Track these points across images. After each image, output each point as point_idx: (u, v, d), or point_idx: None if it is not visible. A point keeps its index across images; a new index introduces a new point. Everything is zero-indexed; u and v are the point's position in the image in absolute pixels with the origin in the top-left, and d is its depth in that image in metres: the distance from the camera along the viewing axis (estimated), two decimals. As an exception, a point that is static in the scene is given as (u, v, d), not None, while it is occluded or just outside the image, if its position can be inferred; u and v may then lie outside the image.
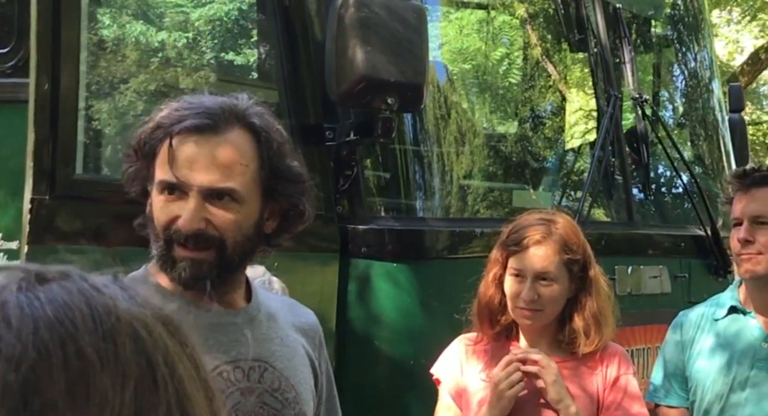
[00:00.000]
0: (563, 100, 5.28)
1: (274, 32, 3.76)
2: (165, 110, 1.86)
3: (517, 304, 2.89)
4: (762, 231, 3.01)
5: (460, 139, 4.26)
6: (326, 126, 3.66)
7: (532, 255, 2.88)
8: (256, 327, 1.95)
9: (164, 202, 1.83)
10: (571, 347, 2.91)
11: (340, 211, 3.67)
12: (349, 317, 3.66)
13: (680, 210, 5.32)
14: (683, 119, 5.90)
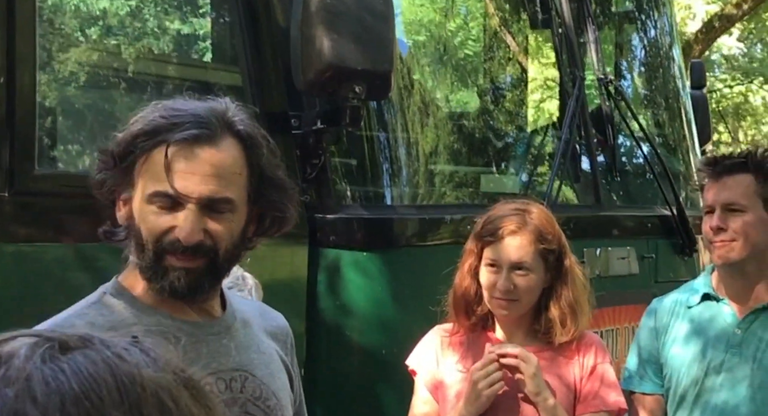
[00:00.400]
0: (529, 82, 5.25)
1: (236, 17, 3.68)
2: (149, 117, 1.79)
3: (493, 295, 2.88)
4: (734, 218, 3.00)
5: (426, 125, 4.21)
6: (291, 113, 3.60)
7: (507, 246, 2.87)
8: (234, 336, 1.93)
9: (155, 212, 1.78)
10: (548, 337, 2.92)
11: (308, 200, 3.61)
12: (320, 307, 3.62)
13: (647, 190, 5.32)
14: (647, 98, 5.90)
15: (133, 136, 1.77)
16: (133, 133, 1.77)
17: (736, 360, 3.04)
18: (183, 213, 1.77)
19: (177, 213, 1.77)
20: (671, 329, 3.19)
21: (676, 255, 5.01)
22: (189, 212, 1.77)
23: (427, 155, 4.18)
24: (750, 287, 3.08)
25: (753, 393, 2.99)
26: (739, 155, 3.07)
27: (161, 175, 1.76)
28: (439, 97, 4.63)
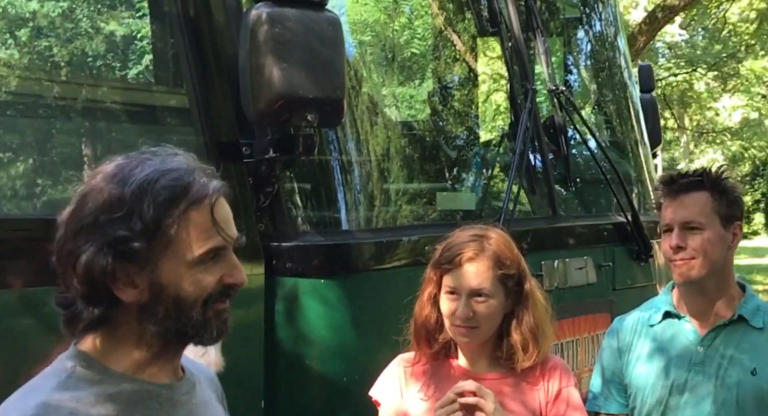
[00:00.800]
0: (480, 96, 5.24)
1: (182, 44, 3.61)
2: (150, 185, 1.72)
3: (453, 322, 2.86)
4: (692, 236, 3.02)
5: (379, 145, 4.17)
6: (242, 142, 3.54)
7: (465, 273, 2.85)
8: (196, 394, 1.91)
9: (204, 269, 1.75)
10: (510, 363, 2.90)
11: (263, 229, 3.56)
12: (278, 338, 3.57)
13: (601, 197, 5.33)
14: (598, 105, 5.91)
15: (159, 210, 1.70)
16: (159, 204, 1.70)
17: (699, 378, 3.05)
18: (229, 258, 1.78)
19: (221, 262, 1.76)
20: (634, 348, 3.19)
21: (632, 262, 5.03)
22: (232, 255, 1.79)
23: (381, 176, 4.14)
24: (711, 304, 3.09)
25: (717, 410, 3.00)
26: (695, 173, 3.09)
27: (209, 232, 1.74)
28: (391, 116, 4.60)
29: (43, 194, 3.59)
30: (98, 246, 1.69)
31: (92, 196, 1.72)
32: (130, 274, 1.71)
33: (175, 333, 1.76)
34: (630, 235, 4.97)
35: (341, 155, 3.97)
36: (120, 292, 1.72)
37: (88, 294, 1.72)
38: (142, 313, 1.74)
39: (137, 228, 1.69)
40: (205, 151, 3.55)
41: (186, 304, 1.74)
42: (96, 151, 3.86)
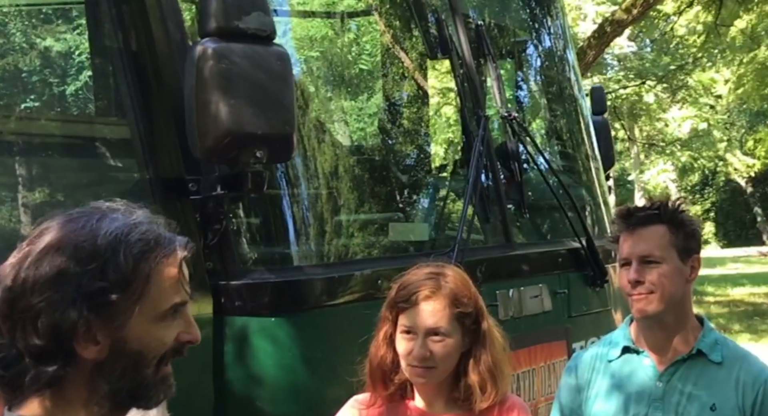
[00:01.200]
0: (432, 124, 5.18)
1: (123, 80, 3.51)
2: (127, 235, 1.69)
3: (409, 363, 2.81)
4: (650, 270, 2.99)
5: (329, 178, 4.09)
6: (189, 178, 3.44)
7: (422, 311, 2.81)
8: None
9: (166, 325, 1.72)
10: (468, 403, 2.84)
11: (210, 267, 3.46)
12: (228, 379, 3.46)
13: (556, 223, 5.30)
14: (551, 129, 5.89)
15: (134, 262, 1.67)
16: (134, 257, 1.67)
17: (658, 414, 3.01)
18: (187, 315, 1.76)
19: (179, 319, 1.74)
20: (593, 384, 3.15)
21: (588, 288, 4.99)
22: (189, 312, 1.77)
23: (332, 209, 4.06)
24: (669, 338, 3.07)
25: None
26: (651, 207, 3.07)
27: (176, 287, 1.73)
28: (341, 147, 4.52)
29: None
30: (69, 299, 1.63)
31: (53, 249, 1.66)
32: (92, 329, 1.65)
33: (125, 394, 1.70)
34: (585, 261, 4.93)
35: (291, 189, 3.89)
36: (81, 349, 1.66)
37: (45, 351, 1.65)
38: (98, 371, 1.68)
39: (113, 280, 1.65)
40: (149, 187, 3.45)
41: (144, 362, 1.70)
42: (35, 184, 3.75)
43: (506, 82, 5.19)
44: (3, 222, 3.66)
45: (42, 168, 3.82)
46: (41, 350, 1.64)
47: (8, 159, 3.68)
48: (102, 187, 3.70)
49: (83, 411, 1.70)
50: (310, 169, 4.02)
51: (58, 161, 3.90)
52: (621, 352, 3.14)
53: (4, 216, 3.69)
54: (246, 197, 3.55)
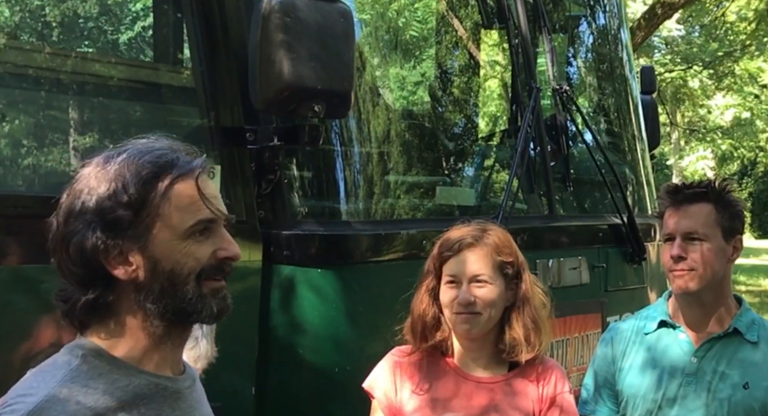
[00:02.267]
0: (484, 93, 5.22)
1: (190, 26, 3.59)
2: (132, 165, 1.76)
3: (454, 310, 2.84)
4: (694, 247, 3.02)
5: (382, 139, 4.16)
6: (247, 127, 3.52)
7: (465, 259, 2.86)
8: (196, 388, 1.94)
9: (196, 242, 1.78)
10: (512, 355, 2.89)
11: (262, 216, 3.55)
12: (272, 325, 3.56)
13: (598, 198, 5.34)
14: (600, 105, 5.91)
15: (143, 182, 1.74)
16: (143, 180, 1.74)
17: (691, 389, 3.06)
18: (221, 234, 1.80)
19: (213, 237, 1.79)
20: (627, 356, 3.19)
21: (625, 264, 5.03)
22: (223, 230, 1.81)
23: (382, 168, 4.13)
24: (707, 316, 3.10)
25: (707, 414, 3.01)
26: (700, 185, 3.09)
27: (196, 205, 1.78)
28: (394, 109, 4.58)
29: (42, 172, 3.56)
30: (87, 224, 1.73)
31: (80, 183, 1.77)
32: (123, 251, 1.74)
33: (174, 313, 1.77)
34: (625, 237, 4.97)
35: (344, 146, 3.96)
36: (114, 270, 1.74)
37: (83, 276, 1.74)
38: (139, 292, 1.76)
39: (123, 201, 1.73)
40: (209, 134, 3.54)
41: (180, 279, 1.76)
42: (97, 128, 3.83)
43: (558, 56, 5.21)
44: (59, 165, 3.75)
45: (102, 112, 3.90)
46: (80, 276, 1.75)
47: (69, 101, 3.77)
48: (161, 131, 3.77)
49: (142, 333, 1.78)
50: (363, 129, 4.09)
51: (119, 105, 3.99)
52: (657, 326, 3.17)
53: (61, 158, 3.78)
54: (301, 150, 3.63)
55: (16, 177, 3.32)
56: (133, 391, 1.75)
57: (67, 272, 1.76)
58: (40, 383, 1.72)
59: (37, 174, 3.42)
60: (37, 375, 1.75)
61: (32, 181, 3.38)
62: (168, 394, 1.81)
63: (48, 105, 3.67)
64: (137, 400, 1.75)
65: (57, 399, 1.67)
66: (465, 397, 2.88)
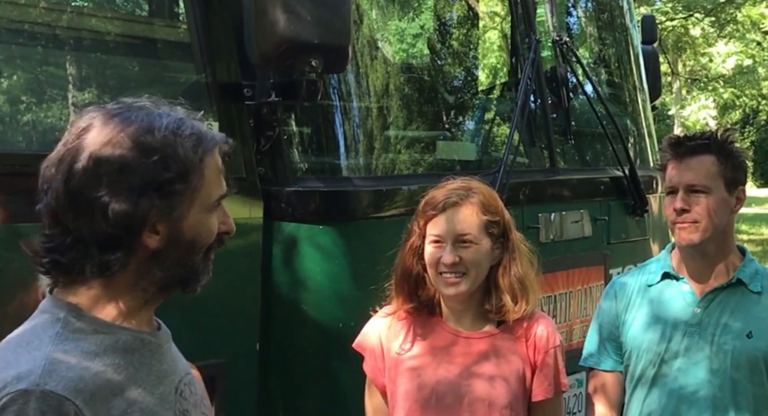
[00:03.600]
0: (484, 45, 5.17)
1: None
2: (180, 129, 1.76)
3: (439, 270, 2.80)
4: (697, 199, 3.00)
5: (381, 93, 4.12)
6: (244, 83, 3.49)
7: (450, 218, 2.80)
8: (172, 343, 1.94)
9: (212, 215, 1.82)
10: (499, 315, 2.86)
11: (262, 173, 3.53)
12: (275, 282, 3.56)
13: (599, 151, 5.31)
14: (600, 56, 5.85)
15: (192, 153, 1.75)
16: (190, 148, 1.75)
17: (695, 340, 3.06)
18: (223, 207, 1.84)
19: (219, 211, 1.83)
20: (631, 308, 3.19)
21: (627, 216, 5.03)
22: (223, 204, 1.85)
23: (382, 123, 4.11)
24: (710, 267, 3.09)
25: (710, 375, 3.02)
26: (702, 136, 3.07)
27: (219, 179, 1.82)
28: (394, 64, 4.53)
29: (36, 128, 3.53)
30: (138, 189, 1.70)
31: (109, 143, 1.71)
32: (152, 220, 1.73)
33: (176, 280, 1.80)
34: (626, 189, 4.96)
35: (343, 101, 3.93)
36: (146, 237, 1.74)
37: (112, 238, 1.71)
38: (153, 260, 1.76)
39: (176, 171, 1.73)
40: (206, 90, 3.51)
41: (196, 250, 1.79)
42: (94, 84, 3.80)
43: (558, 6, 5.15)
44: (55, 121, 3.73)
45: (97, 67, 3.87)
46: (108, 238, 1.71)
47: (63, 56, 3.73)
48: (158, 88, 3.74)
49: (128, 296, 1.78)
50: (362, 83, 4.06)
51: (115, 61, 3.95)
52: (660, 278, 3.16)
53: (56, 114, 3.75)
54: (299, 106, 3.60)
55: (14, 133, 3.30)
56: (121, 347, 1.75)
57: (87, 232, 1.71)
58: (29, 346, 1.69)
59: (35, 130, 3.39)
60: (21, 340, 1.72)
61: (30, 138, 3.35)
62: (153, 348, 1.82)
63: (44, 60, 3.63)
64: (127, 355, 1.75)
65: (57, 360, 1.65)
66: (462, 344, 2.86)
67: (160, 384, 1.79)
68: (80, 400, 1.62)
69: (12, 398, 1.59)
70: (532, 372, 2.87)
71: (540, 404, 2.89)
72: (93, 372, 1.67)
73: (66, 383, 1.62)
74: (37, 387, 1.60)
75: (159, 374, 1.80)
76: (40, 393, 1.60)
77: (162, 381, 1.80)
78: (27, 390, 1.60)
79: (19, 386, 1.61)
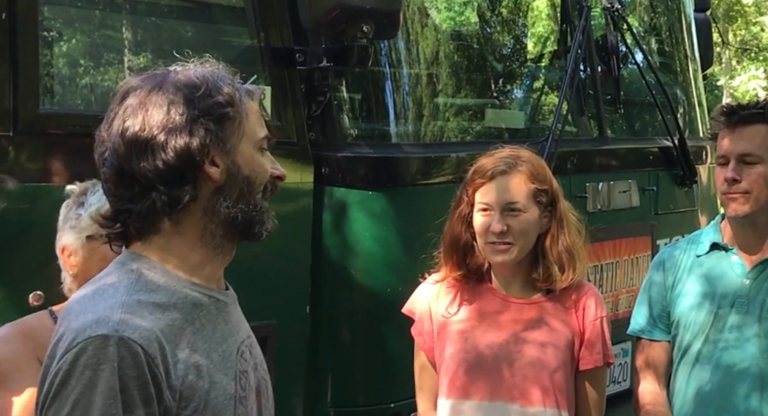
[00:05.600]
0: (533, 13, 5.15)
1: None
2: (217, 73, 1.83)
3: (487, 239, 2.80)
4: (748, 170, 2.97)
5: (431, 61, 4.13)
6: (296, 48, 3.52)
7: (498, 186, 2.81)
8: (238, 305, 1.97)
9: (262, 156, 1.85)
10: (546, 284, 2.87)
11: (313, 138, 3.57)
12: (325, 245, 3.61)
13: (649, 120, 5.28)
14: (651, 24, 5.80)
15: (234, 90, 1.81)
16: (231, 86, 1.81)
17: (743, 311, 3.03)
18: (269, 155, 1.88)
19: (266, 156, 1.87)
20: (679, 279, 3.16)
21: (676, 186, 5.00)
22: (267, 152, 1.88)
23: (432, 91, 4.12)
24: (760, 238, 3.06)
25: (761, 352, 2.99)
26: (756, 106, 3.03)
27: (261, 121, 1.87)
28: (443, 31, 4.53)
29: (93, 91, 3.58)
30: (191, 118, 1.76)
31: (152, 93, 1.78)
32: (210, 152, 1.78)
33: (240, 219, 1.81)
34: (675, 160, 4.93)
35: (393, 68, 3.94)
36: (208, 168, 1.78)
37: (177, 172, 1.76)
38: (217, 195, 1.80)
39: (223, 101, 1.78)
40: (258, 54, 3.54)
41: (254, 187, 1.82)
42: (150, 48, 3.84)
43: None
44: (111, 84, 3.78)
45: (152, 31, 3.91)
46: (173, 173, 1.76)
47: (119, 20, 3.78)
48: (212, 52, 3.76)
49: (198, 243, 1.82)
50: (412, 50, 4.07)
51: (169, 24, 3.99)
52: (709, 249, 3.14)
53: (113, 78, 3.80)
54: (351, 72, 3.62)
55: (73, 96, 3.36)
56: (191, 301, 1.79)
57: (152, 173, 1.76)
58: (104, 294, 1.75)
59: (93, 93, 3.45)
60: (96, 289, 1.78)
61: (88, 100, 3.41)
62: (221, 306, 1.86)
63: (101, 24, 3.67)
64: (196, 310, 1.79)
65: (129, 315, 1.70)
66: (512, 310, 2.88)
67: (224, 343, 1.83)
68: (153, 349, 1.67)
69: (91, 341, 1.65)
70: (581, 342, 2.89)
71: (587, 373, 2.90)
72: (164, 323, 1.72)
73: (141, 332, 1.68)
74: (116, 333, 1.66)
75: (224, 333, 1.84)
76: (118, 339, 1.65)
77: (226, 340, 1.84)
78: (107, 336, 1.66)
79: (99, 331, 1.66)
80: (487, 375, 2.83)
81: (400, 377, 3.65)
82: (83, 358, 1.65)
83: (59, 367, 1.66)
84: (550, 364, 2.83)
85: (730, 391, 3.02)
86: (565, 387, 2.86)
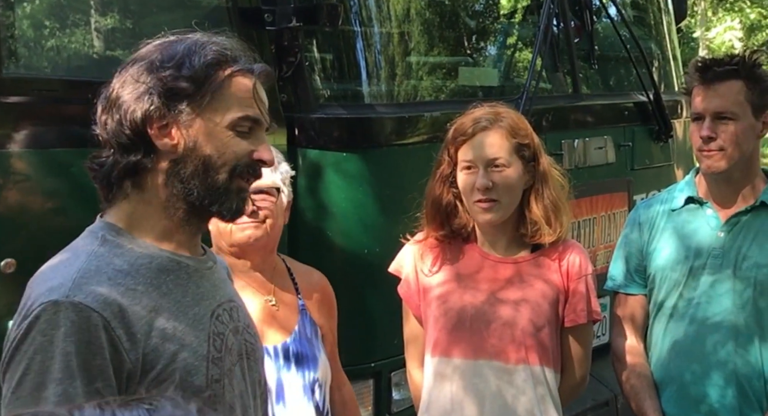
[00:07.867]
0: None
1: None
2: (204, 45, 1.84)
3: (472, 198, 2.81)
4: (723, 126, 2.97)
5: (403, 19, 4.08)
6: (265, 8, 3.46)
7: (480, 143, 2.81)
8: (217, 269, 2.01)
9: (236, 136, 1.85)
10: (534, 239, 2.88)
11: (284, 100, 3.53)
12: (300, 208, 3.57)
13: (624, 76, 5.25)
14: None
15: (207, 65, 1.81)
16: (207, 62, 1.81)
17: (718, 264, 3.06)
18: (262, 138, 1.88)
19: (254, 137, 1.86)
20: (655, 234, 3.19)
21: (651, 142, 4.99)
22: (264, 135, 1.89)
23: (404, 50, 4.07)
24: (735, 192, 3.08)
25: (734, 304, 3.02)
26: (730, 61, 3.02)
27: (248, 101, 1.85)
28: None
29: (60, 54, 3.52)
30: (147, 90, 1.79)
31: (140, 57, 1.84)
32: (168, 124, 1.80)
33: (198, 197, 1.83)
34: (651, 115, 4.92)
35: (365, 27, 3.89)
36: (156, 138, 1.80)
37: (130, 140, 1.81)
38: (173, 168, 1.82)
39: (185, 74, 1.80)
40: (226, 14, 3.49)
41: (215, 167, 1.83)
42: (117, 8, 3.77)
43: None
44: (78, 46, 3.71)
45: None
46: (127, 139, 1.81)
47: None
48: (180, 12, 3.72)
49: (163, 213, 1.85)
50: (383, 7, 4.01)
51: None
52: (684, 203, 3.15)
53: (79, 39, 3.73)
54: (321, 32, 3.57)
55: (39, 59, 3.30)
56: (156, 266, 1.82)
57: (114, 138, 1.82)
58: (70, 257, 1.79)
59: (59, 56, 3.38)
60: (61, 263, 1.80)
61: (54, 63, 3.35)
62: (191, 271, 1.87)
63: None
64: (162, 275, 1.82)
65: (85, 280, 1.73)
66: (491, 270, 2.89)
67: (196, 306, 1.85)
68: (108, 312, 1.70)
69: (43, 308, 1.69)
70: (565, 299, 2.90)
71: (571, 330, 2.92)
72: (124, 288, 1.75)
73: (95, 296, 1.70)
74: (67, 299, 1.69)
75: (195, 296, 1.86)
76: (69, 304, 1.69)
77: (198, 303, 1.86)
78: (57, 301, 1.69)
79: (51, 297, 1.70)
80: (469, 335, 2.86)
81: (380, 337, 3.65)
82: (36, 325, 1.68)
83: (15, 335, 1.71)
84: (524, 324, 2.84)
85: (704, 343, 3.06)
86: (550, 345, 2.88)
